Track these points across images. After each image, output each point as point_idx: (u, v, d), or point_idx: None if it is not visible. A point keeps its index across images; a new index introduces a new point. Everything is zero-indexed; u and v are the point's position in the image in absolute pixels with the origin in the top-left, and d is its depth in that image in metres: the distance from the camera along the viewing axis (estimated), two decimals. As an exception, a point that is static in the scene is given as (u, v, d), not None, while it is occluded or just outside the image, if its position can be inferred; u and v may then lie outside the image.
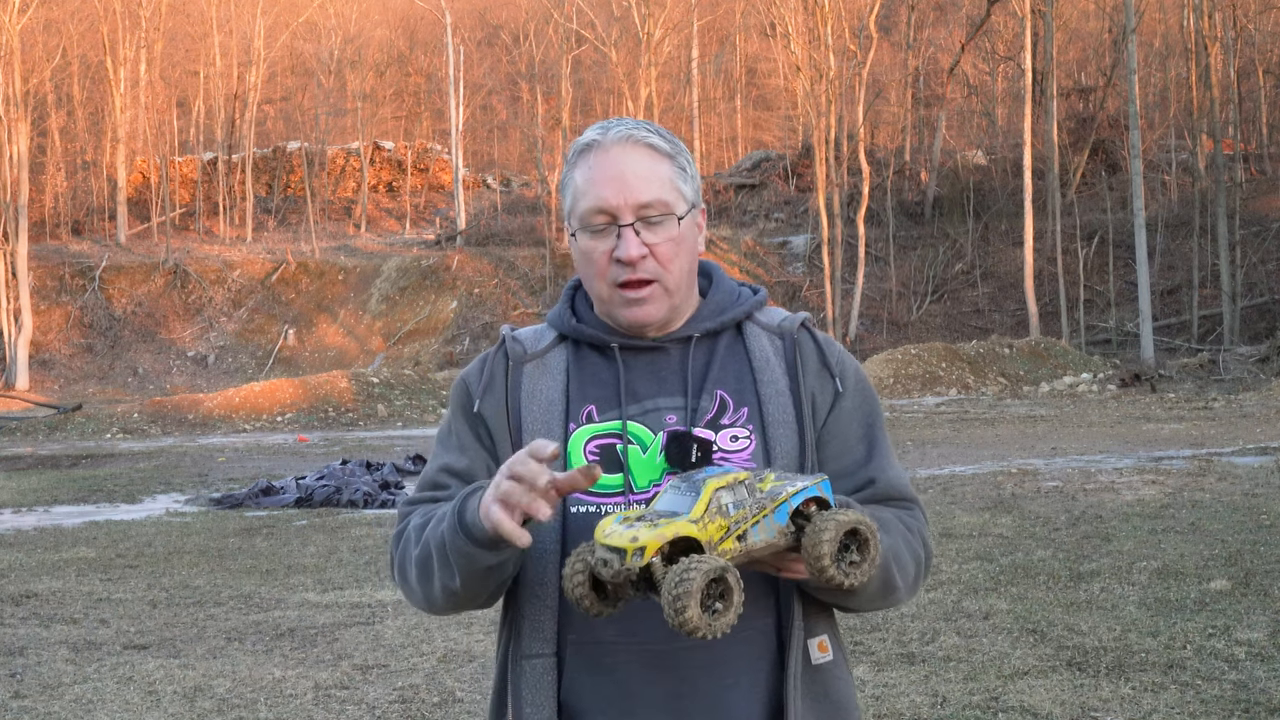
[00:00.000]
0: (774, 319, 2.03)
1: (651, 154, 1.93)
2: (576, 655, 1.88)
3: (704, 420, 1.92)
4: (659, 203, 1.91)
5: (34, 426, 25.61)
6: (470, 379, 2.02)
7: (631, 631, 1.84)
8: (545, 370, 1.98)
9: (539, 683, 1.87)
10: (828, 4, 39.61)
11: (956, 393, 28.39)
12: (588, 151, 1.94)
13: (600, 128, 1.96)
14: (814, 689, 1.89)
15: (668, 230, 1.92)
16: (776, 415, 1.93)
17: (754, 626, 1.87)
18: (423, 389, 28.08)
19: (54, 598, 8.61)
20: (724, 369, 1.96)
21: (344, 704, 5.91)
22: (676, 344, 1.97)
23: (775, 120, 57.23)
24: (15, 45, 40.93)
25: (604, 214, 1.91)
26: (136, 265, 44.82)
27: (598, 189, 1.91)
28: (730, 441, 1.91)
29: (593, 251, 1.93)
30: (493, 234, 46.17)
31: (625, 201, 1.90)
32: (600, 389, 1.95)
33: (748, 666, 1.87)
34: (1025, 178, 36.23)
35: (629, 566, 1.58)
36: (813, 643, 1.90)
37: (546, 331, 2.04)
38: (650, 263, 1.91)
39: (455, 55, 50.37)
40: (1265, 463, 13.81)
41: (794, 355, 1.98)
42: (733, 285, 2.05)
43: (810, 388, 1.96)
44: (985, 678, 5.89)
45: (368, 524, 11.92)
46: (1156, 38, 45.80)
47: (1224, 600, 7.25)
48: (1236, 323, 34.70)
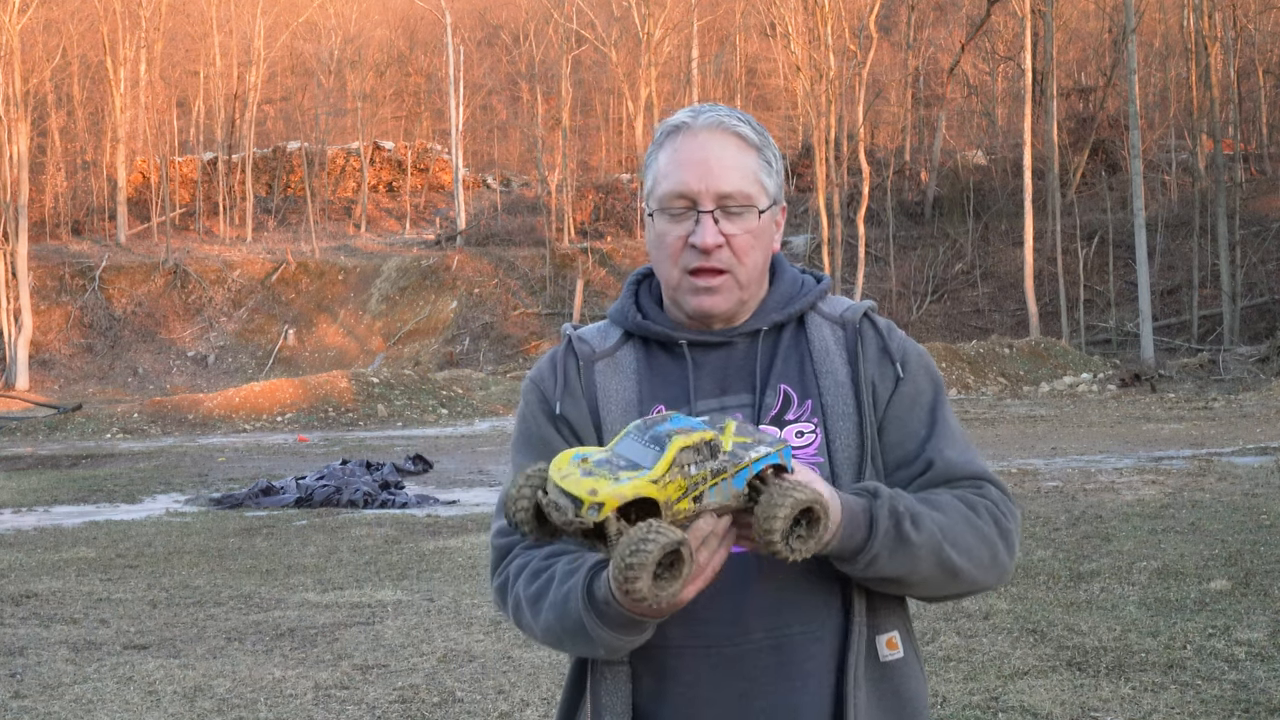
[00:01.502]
0: (837, 308, 1.99)
1: (740, 143, 1.89)
2: (641, 660, 1.85)
3: (769, 416, 1.89)
4: (741, 194, 1.87)
5: (34, 426, 25.61)
6: (543, 381, 1.98)
7: (698, 634, 1.82)
8: (617, 369, 1.94)
9: (619, 690, 1.84)
10: (828, 4, 39.60)
11: (956, 393, 28.39)
12: (675, 134, 1.90)
13: (691, 111, 1.92)
14: (882, 686, 1.86)
15: (747, 222, 1.88)
16: (837, 407, 1.89)
17: (824, 626, 1.85)
18: (423, 389, 28.08)
19: (54, 598, 8.61)
20: (787, 362, 1.93)
21: (344, 704, 5.91)
22: (744, 338, 1.94)
23: (775, 120, 57.20)
24: (15, 45, 40.92)
25: (684, 198, 1.87)
26: (136, 265, 44.82)
27: (681, 172, 1.87)
28: (796, 437, 1.88)
29: (668, 234, 1.89)
30: (493, 234, 46.18)
31: (707, 188, 1.86)
32: (670, 388, 1.92)
33: (816, 668, 1.84)
34: (1025, 178, 36.22)
35: (582, 519, 1.54)
36: (881, 639, 1.87)
37: (610, 329, 2.00)
38: (725, 253, 1.87)
39: (455, 55, 50.38)
40: (1265, 463, 13.81)
41: (855, 344, 1.94)
42: (796, 274, 2.02)
43: (870, 376, 1.92)
44: (985, 678, 5.89)
45: (368, 524, 11.92)
46: (1156, 38, 45.80)
47: (1224, 600, 7.25)
48: (1236, 323, 34.69)
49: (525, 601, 1.84)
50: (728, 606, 1.82)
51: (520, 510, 1.64)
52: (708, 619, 1.81)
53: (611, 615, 1.71)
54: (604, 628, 1.72)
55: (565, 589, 1.77)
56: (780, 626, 1.83)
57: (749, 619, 1.82)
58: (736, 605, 1.82)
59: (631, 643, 1.76)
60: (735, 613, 1.82)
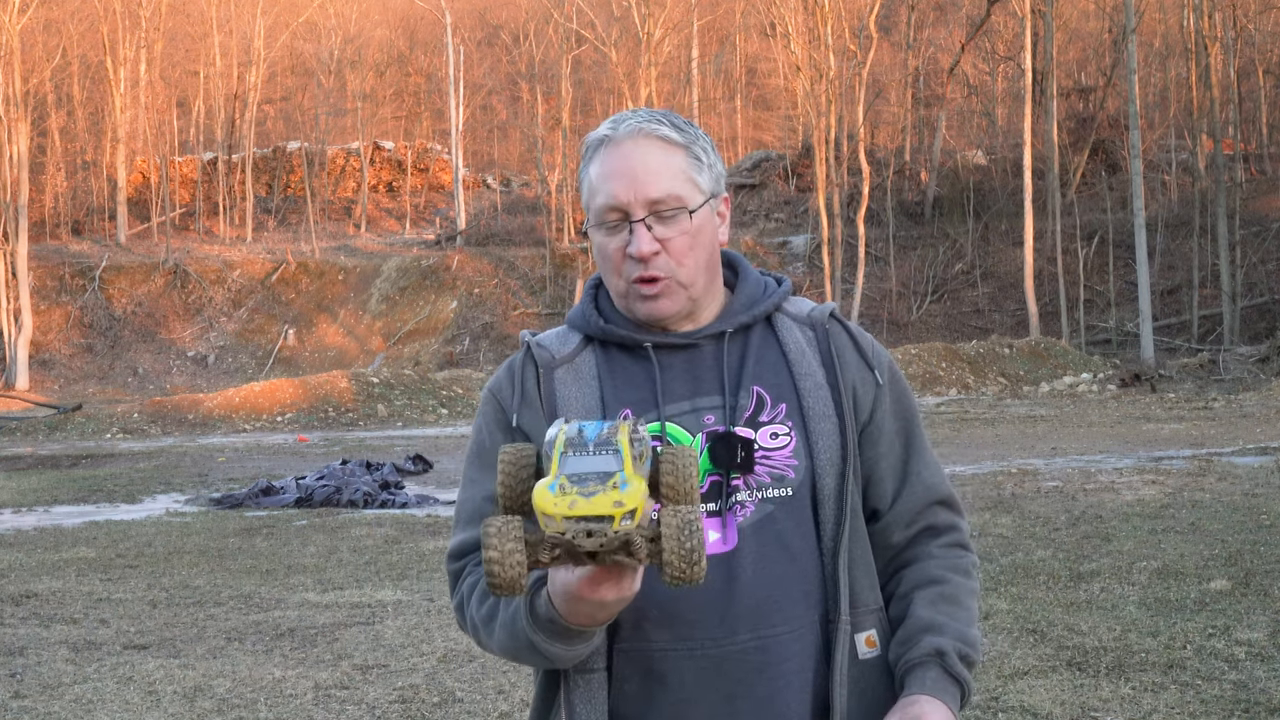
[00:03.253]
0: (802, 309, 2.00)
1: (664, 146, 1.89)
2: (626, 664, 1.85)
3: (742, 418, 1.89)
4: (671, 196, 1.87)
5: (34, 426, 25.61)
6: (501, 392, 1.96)
7: (686, 636, 1.83)
8: (577, 375, 1.93)
9: (593, 697, 1.84)
10: (828, 4, 39.60)
11: (956, 393, 28.38)
12: (600, 147, 1.92)
13: (613, 121, 1.93)
14: (861, 684, 1.88)
15: (681, 224, 1.88)
16: (817, 409, 1.90)
17: (805, 624, 1.86)
18: (423, 389, 28.08)
19: (54, 598, 8.61)
20: (760, 363, 1.93)
21: (344, 704, 5.91)
22: (710, 340, 1.93)
23: (775, 120, 57.20)
24: (15, 45, 40.91)
25: (616, 210, 1.88)
26: (136, 265, 44.81)
27: (609, 184, 1.88)
28: (770, 439, 1.88)
29: (607, 247, 1.90)
30: (493, 234, 46.17)
31: (635, 197, 1.87)
32: (635, 391, 1.91)
33: (798, 666, 1.85)
34: (1025, 178, 36.21)
35: (620, 530, 1.52)
36: (860, 637, 1.89)
37: (569, 334, 1.99)
38: (663, 259, 1.88)
39: (455, 55, 50.37)
40: (1265, 463, 13.81)
41: (828, 346, 1.94)
42: (759, 276, 2.02)
43: (851, 381, 1.93)
44: (985, 678, 5.89)
45: (368, 524, 11.92)
46: (1156, 38, 45.78)
47: (1224, 600, 7.25)
48: (1236, 323, 34.69)
49: (479, 621, 1.86)
50: (715, 608, 1.83)
51: (514, 565, 1.56)
52: (694, 621, 1.82)
53: (557, 629, 1.72)
54: (552, 642, 1.74)
55: (512, 608, 1.78)
56: (765, 627, 1.84)
57: (735, 620, 1.83)
58: (723, 606, 1.83)
59: (583, 650, 1.78)
60: (722, 614, 1.83)
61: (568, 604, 1.68)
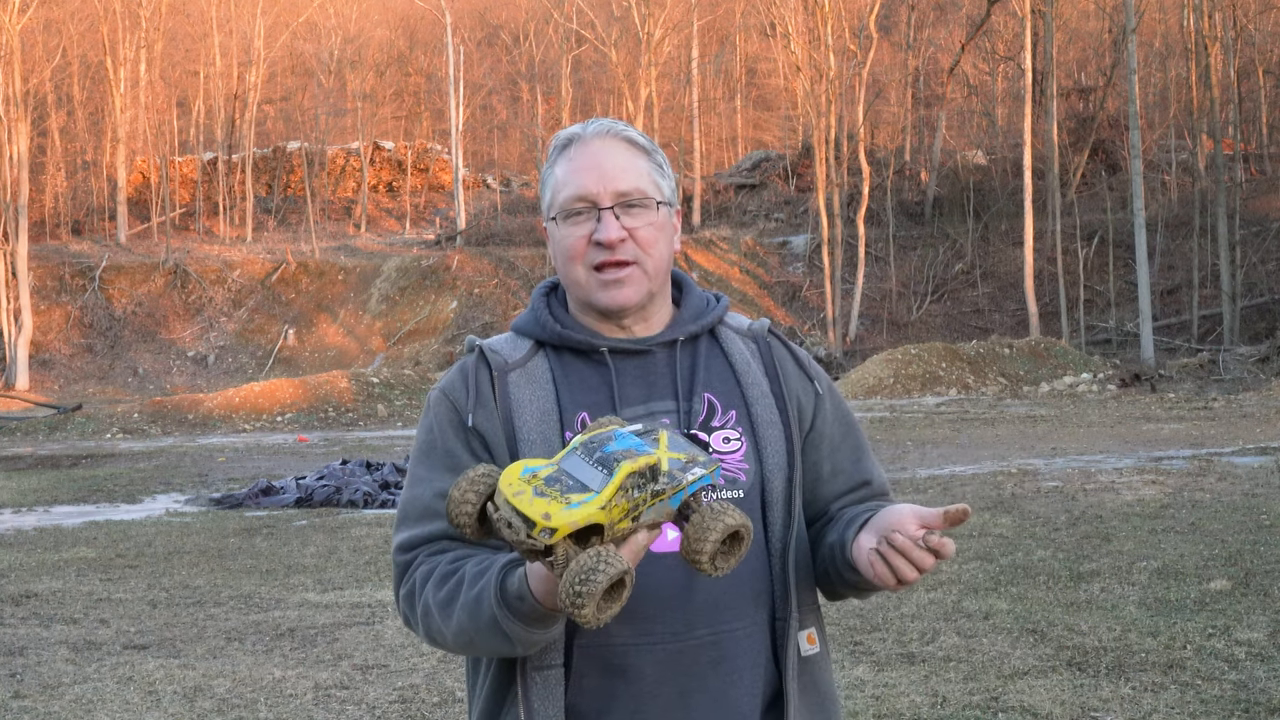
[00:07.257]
0: (742, 324, 2.09)
1: (630, 147, 1.98)
2: (585, 659, 1.88)
3: (696, 423, 1.94)
4: (638, 190, 1.95)
5: (34, 426, 25.61)
6: (454, 393, 1.99)
7: (647, 633, 1.87)
8: (531, 379, 1.96)
9: (551, 693, 1.87)
10: (828, 4, 39.60)
11: (956, 393, 28.38)
12: (569, 146, 1.99)
13: (579, 125, 2.01)
14: (803, 680, 1.95)
15: (648, 215, 1.96)
16: (764, 416, 1.98)
17: (755, 622, 1.92)
18: (423, 389, 28.08)
19: (54, 598, 8.61)
20: (709, 372, 2.00)
21: (344, 704, 5.91)
22: (662, 348, 1.99)
23: (775, 120, 57.21)
24: (15, 45, 40.90)
25: (584, 200, 1.94)
26: (136, 265, 44.81)
27: (579, 177, 1.95)
28: (723, 443, 1.95)
29: (570, 237, 1.95)
30: (493, 234, 46.16)
31: (604, 188, 1.94)
32: (591, 394, 1.95)
33: (749, 662, 1.91)
34: (1025, 178, 36.22)
35: (534, 540, 1.59)
36: (802, 635, 1.95)
37: (518, 340, 2.02)
38: (630, 245, 1.94)
39: (455, 55, 50.36)
40: (1265, 463, 13.81)
41: (770, 359, 2.03)
42: (702, 292, 2.10)
43: (794, 391, 2.02)
44: (985, 678, 5.89)
45: (368, 524, 11.92)
46: (1156, 38, 45.78)
47: (1224, 600, 7.25)
48: (1236, 323, 34.68)
49: (435, 606, 1.86)
50: (674, 605, 1.88)
51: (464, 515, 1.67)
52: (654, 616, 1.86)
53: (526, 611, 1.75)
54: (518, 623, 1.76)
55: (476, 589, 1.81)
56: (720, 623, 1.90)
57: (694, 617, 1.88)
58: (682, 604, 1.88)
59: (546, 637, 1.80)
60: (682, 611, 1.88)
61: (539, 582, 1.72)
